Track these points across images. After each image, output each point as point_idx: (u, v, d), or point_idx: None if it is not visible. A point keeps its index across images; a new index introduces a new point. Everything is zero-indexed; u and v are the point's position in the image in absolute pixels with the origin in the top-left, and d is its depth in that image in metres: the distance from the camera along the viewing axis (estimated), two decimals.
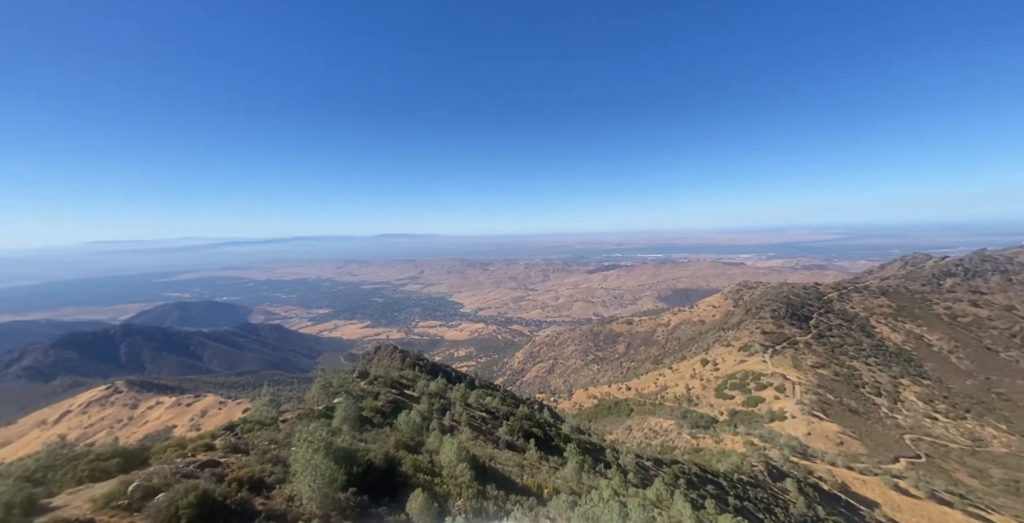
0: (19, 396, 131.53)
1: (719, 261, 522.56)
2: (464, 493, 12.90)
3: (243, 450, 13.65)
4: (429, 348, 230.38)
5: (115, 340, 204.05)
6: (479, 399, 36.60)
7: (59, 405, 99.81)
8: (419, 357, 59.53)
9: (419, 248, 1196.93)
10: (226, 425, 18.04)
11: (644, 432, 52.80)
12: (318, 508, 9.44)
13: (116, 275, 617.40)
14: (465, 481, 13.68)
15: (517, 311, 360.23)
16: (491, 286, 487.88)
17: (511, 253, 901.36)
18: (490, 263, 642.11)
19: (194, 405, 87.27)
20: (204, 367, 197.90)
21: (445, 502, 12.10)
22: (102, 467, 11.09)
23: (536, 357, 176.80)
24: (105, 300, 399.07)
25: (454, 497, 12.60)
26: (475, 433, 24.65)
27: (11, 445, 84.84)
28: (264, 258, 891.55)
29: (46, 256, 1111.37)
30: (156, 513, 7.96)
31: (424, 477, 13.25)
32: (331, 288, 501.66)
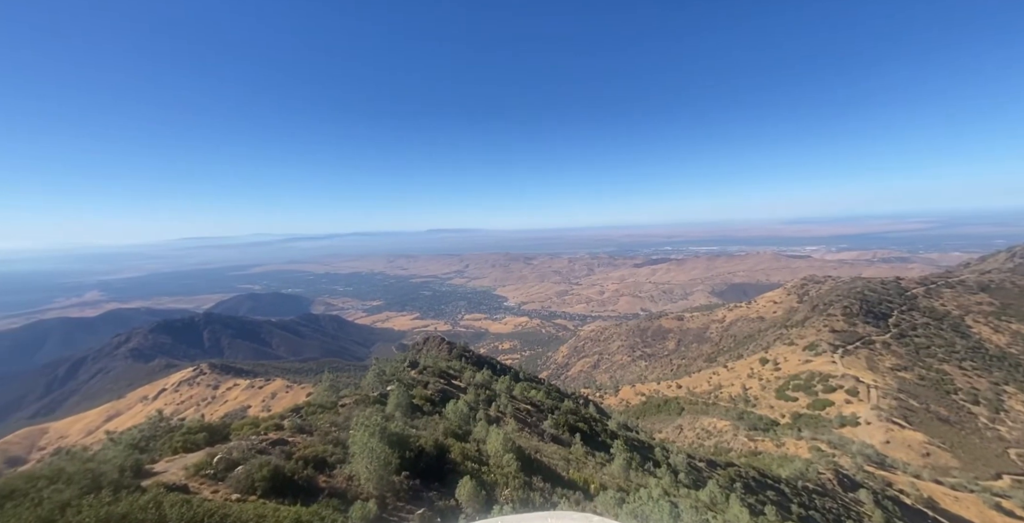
0: (126, 374, 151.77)
1: (781, 254, 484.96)
2: (511, 483, 13.09)
3: (307, 431, 14.77)
4: (474, 340, 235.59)
5: (199, 327, 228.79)
6: (524, 392, 36.96)
7: (157, 383, 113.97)
8: (465, 349, 61.10)
9: (464, 242, 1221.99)
10: (292, 407, 19.62)
11: (696, 432, 50.68)
12: (374, 489, 9.99)
13: (200, 268, 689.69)
14: (511, 471, 13.87)
15: (561, 305, 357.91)
16: (535, 280, 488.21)
17: (554, 247, 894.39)
18: (533, 257, 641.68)
19: (265, 388, 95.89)
20: (272, 353, 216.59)
21: (492, 491, 12.35)
22: (192, 440, 12.49)
23: (581, 352, 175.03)
24: (191, 290, 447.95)
25: (501, 486, 12.83)
26: (520, 425, 24.94)
27: (121, 416, 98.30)
28: (323, 253, 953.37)
29: (147, 251, 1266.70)
30: (236, 483, 8.83)
31: (472, 465, 13.59)
32: (383, 281, 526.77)
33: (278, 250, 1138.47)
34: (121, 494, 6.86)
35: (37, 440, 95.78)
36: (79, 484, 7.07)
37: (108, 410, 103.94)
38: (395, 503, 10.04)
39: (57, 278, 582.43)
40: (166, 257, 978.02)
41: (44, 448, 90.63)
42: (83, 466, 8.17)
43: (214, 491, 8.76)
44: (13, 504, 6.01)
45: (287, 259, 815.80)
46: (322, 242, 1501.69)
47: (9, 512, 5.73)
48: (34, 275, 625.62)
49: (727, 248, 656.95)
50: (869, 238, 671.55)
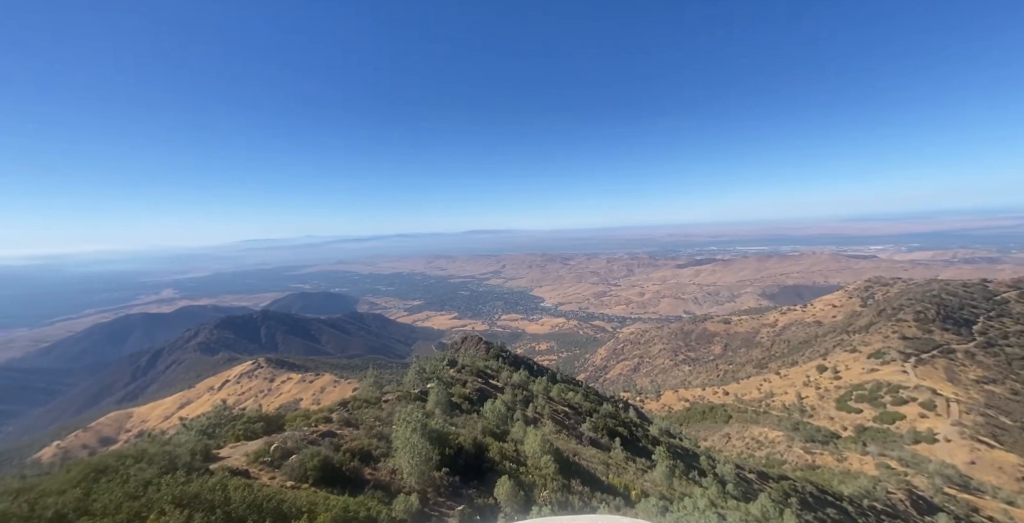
0: (195, 366, 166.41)
1: (841, 254, 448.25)
2: (549, 485, 13.03)
3: (354, 424, 15.48)
4: (511, 340, 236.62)
5: (257, 323, 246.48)
6: (561, 393, 36.65)
7: (221, 375, 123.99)
8: (502, 349, 61.49)
9: (501, 243, 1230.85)
10: (340, 401, 20.63)
11: (745, 442, 47.94)
12: (416, 483, 10.30)
13: (258, 268, 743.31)
14: (549, 473, 13.80)
15: (599, 306, 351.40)
16: (571, 280, 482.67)
17: (592, 247, 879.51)
18: (570, 257, 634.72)
19: (315, 382, 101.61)
20: (322, 349, 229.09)
21: (530, 491, 12.36)
22: (251, 428, 13.47)
23: (620, 354, 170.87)
24: (251, 289, 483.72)
25: (539, 487, 12.80)
26: (558, 427, 24.75)
27: (192, 404, 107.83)
28: (368, 254, 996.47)
29: (213, 252, 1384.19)
30: (291, 471, 9.44)
31: (510, 465, 13.66)
32: (423, 281, 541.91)
33: (327, 251, 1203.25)
34: (193, 476, 7.55)
35: (124, 423, 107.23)
36: (159, 464, 7.85)
37: (181, 398, 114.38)
38: (436, 498, 10.30)
39: (139, 277, 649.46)
40: (229, 258, 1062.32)
41: (130, 430, 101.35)
42: (162, 449, 9.06)
43: (271, 477, 9.42)
44: (107, 479, 6.78)
45: (335, 260, 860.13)
46: (367, 243, 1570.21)
47: (103, 486, 6.48)
48: (121, 274, 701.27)
49: (779, 248, 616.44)
50: (947, 236, 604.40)
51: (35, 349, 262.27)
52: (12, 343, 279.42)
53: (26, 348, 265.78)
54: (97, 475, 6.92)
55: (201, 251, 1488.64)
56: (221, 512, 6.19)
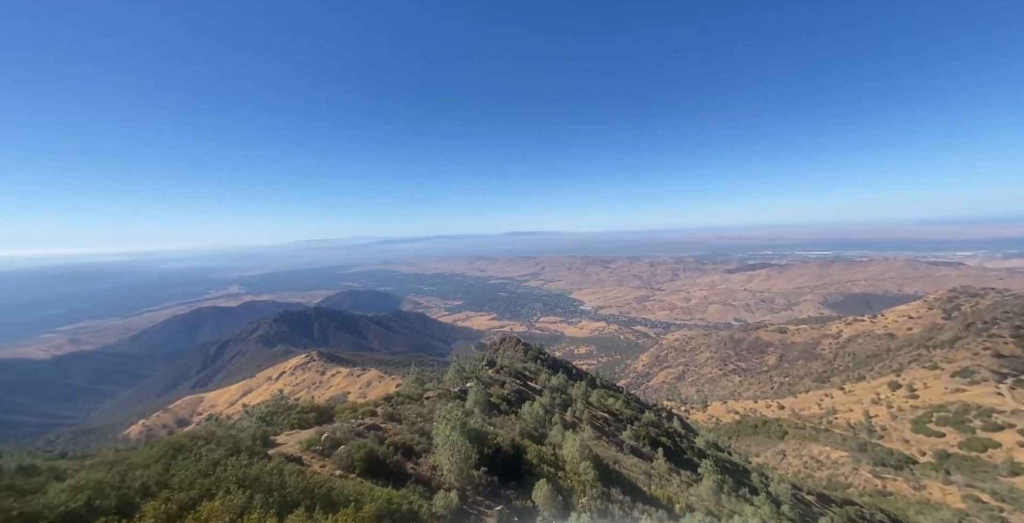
0: (256, 357, 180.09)
1: (919, 260, 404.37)
2: (588, 491, 12.77)
3: (397, 419, 16.03)
4: (549, 343, 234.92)
5: (310, 319, 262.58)
6: (601, 399, 35.84)
7: (278, 366, 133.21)
8: (540, 351, 61.17)
9: (540, 245, 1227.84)
10: (385, 396, 21.45)
11: (803, 460, 44.39)
12: (456, 480, 10.48)
13: (312, 267, 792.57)
14: (589, 479, 13.53)
15: (641, 311, 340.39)
16: (612, 284, 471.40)
17: (635, 250, 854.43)
18: (612, 260, 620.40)
19: (362, 377, 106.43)
20: (368, 345, 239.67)
21: (569, 497, 12.17)
22: (304, 418, 14.34)
23: (663, 362, 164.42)
24: (305, 286, 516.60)
25: (578, 493, 12.58)
26: (597, 433, 24.23)
27: (253, 392, 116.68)
28: (411, 254, 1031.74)
29: (273, 251, 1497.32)
30: (339, 461, 9.94)
31: (548, 468, 13.55)
32: (463, 282, 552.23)
33: (374, 251, 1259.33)
34: (254, 459, 8.16)
35: (196, 406, 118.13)
36: (225, 446, 8.56)
37: (244, 386, 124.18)
38: (474, 496, 10.42)
39: (210, 274, 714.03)
40: (287, 257, 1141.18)
41: (201, 413, 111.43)
42: (227, 432, 9.88)
43: (322, 465, 9.97)
44: (183, 457, 7.50)
45: (381, 260, 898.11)
46: (411, 244, 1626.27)
47: (180, 463, 7.17)
48: (195, 271, 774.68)
49: (844, 253, 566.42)
50: None
51: (126, 336, 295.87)
52: (107, 330, 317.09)
53: (119, 335, 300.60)
54: (175, 453, 7.67)
55: (262, 250, 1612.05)
56: (278, 495, 6.64)
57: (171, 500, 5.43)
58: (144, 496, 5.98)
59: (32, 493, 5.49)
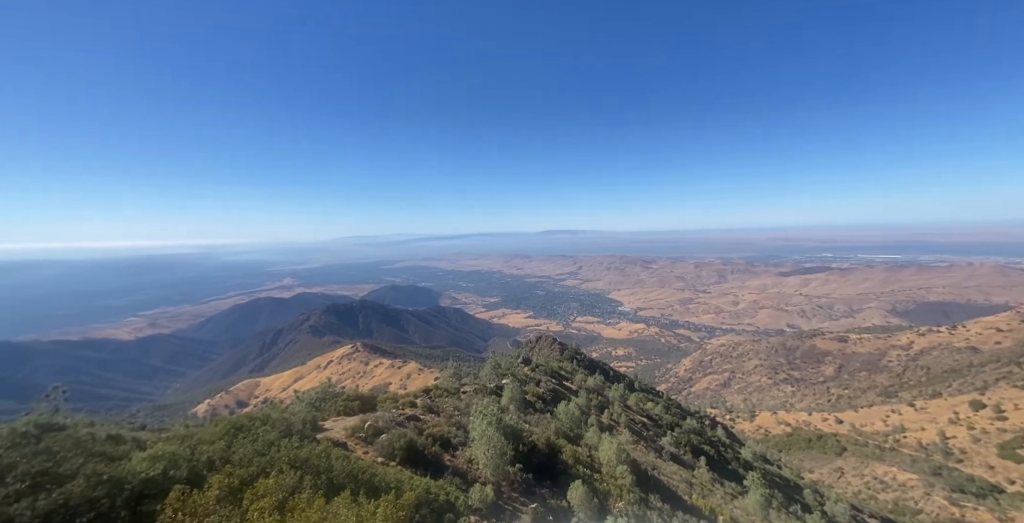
0: (306, 346, 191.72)
1: (1011, 265, 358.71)
2: (625, 496, 12.48)
3: (435, 411, 16.45)
4: (586, 343, 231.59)
5: (356, 311, 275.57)
6: (639, 403, 34.89)
7: (326, 355, 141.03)
8: (577, 351, 60.48)
9: (579, 244, 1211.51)
10: (423, 389, 22.08)
11: (864, 480, 40.88)
12: (492, 475, 10.59)
13: (358, 262, 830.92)
14: (626, 484, 13.21)
15: (684, 314, 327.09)
16: (653, 285, 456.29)
17: (678, 250, 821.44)
18: (653, 260, 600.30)
19: (402, 369, 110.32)
20: (408, 338, 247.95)
21: (605, 500, 11.95)
22: (349, 406, 15.06)
23: (707, 367, 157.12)
24: (352, 280, 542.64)
25: (614, 497, 12.32)
26: (635, 437, 23.60)
27: (303, 379, 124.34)
28: (450, 251, 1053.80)
29: (323, 246, 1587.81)
30: (381, 448, 10.34)
31: (583, 470, 13.36)
32: (500, 279, 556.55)
33: (415, 248, 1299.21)
34: (304, 442, 8.67)
35: (254, 390, 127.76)
36: (278, 429, 9.17)
37: (295, 373, 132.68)
38: (510, 492, 10.48)
39: (267, 267, 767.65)
40: (336, 252, 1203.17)
41: (258, 396, 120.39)
42: (281, 415, 10.57)
43: (365, 452, 10.42)
44: (242, 436, 8.11)
45: (422, 256, 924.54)
46: (450, 242, 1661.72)
47: (240, 441, 7.76)
48: (253, 264, 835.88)
49: (918, 257, 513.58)
50: None
51: (195, 322, 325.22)
52: (180, 316, 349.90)
53: (189, 321, 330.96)
54: (236, 432, 8.31)
55: (313, 245, 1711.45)
56: (325, 477, 7.02)
57: (233, 475, 5.88)
58: (210, 469, 6.52)
59: (119, 459, 6.15)
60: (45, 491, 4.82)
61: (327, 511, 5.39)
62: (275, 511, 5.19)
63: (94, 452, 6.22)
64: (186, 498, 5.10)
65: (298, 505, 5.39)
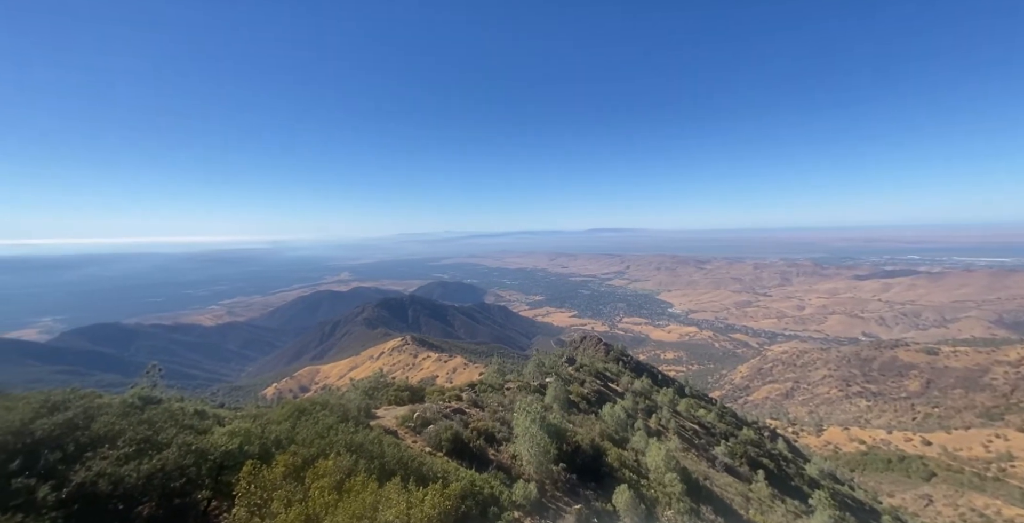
0: (360, 337, 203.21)
1: None
2: (674, 504, 11.98)
3: (480, 406, 16.75)
4: (633, 345, 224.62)
5: (406, 306, 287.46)
6: (690, 409, 33.30)
7: (378, 347, 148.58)
8: (623, 352, 58.86)
9: (625, 243, 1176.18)
10: (469, 383, 22.57)
11: (959, 511, 36.14)
12: (535, 472, 10.60)
13: (408, 258, 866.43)
14: (675, 492, 12.68)
15: (741, 318, 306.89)
16: (707, 286, 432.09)
17: (735, 250, 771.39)
18: (707, 261, 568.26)
19: (448, 363, 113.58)
20: (454, 333, 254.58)
21: (652, 507, 11.55)
22: (400, 396, 15.74)
23: (767, 375, 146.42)
24: (403, 276, 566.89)
25: (663, 505, 11.87)
26: (685, 445, 22.56)
27: (358, 369, 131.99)
28: (496, 249, 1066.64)
29: (377, 243, 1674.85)
30: (428, 438, 10.72)
31: (630, 475, 13.01)
32: (544, 278, 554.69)
33: (461, 245, 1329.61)
34: (359, 428, 9.19)
35: (314, 376, 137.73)
36: (336, 414, 9.79)
37: (350, 363, 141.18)
38: (553, 491, 10.44)
39: (327, 262, 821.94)
40: (388, 248, 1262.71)
41: (318, 383, 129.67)
42: (338, 402, 11.29)
43: (414, 441, 10.85)
44: (305, 418, 8.77)
45: (468, 253, 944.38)
46: (495, 239, 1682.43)
47: (303, 423, 8.40)
48: (314, 259, 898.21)
49: None
50: None
51: (265, 312, 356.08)
52: (252, 306, 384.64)
53: (260, 311, 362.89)
54: (299, 414, 8.99)
55: (368, 242, 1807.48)
56: (378, 462, 7.40)
57: (296, 454, 6.37)
58: (277, 447, 7.11)
59: (203, 433, 6.89)
60: (147, 456, 5.52)
61: (379, 495, 5.67)
62: (333, 491, 5.56)
63: (184, 425, 7.01)
64: (258, 472, 5.60)
65: (354, 487, 5.73)
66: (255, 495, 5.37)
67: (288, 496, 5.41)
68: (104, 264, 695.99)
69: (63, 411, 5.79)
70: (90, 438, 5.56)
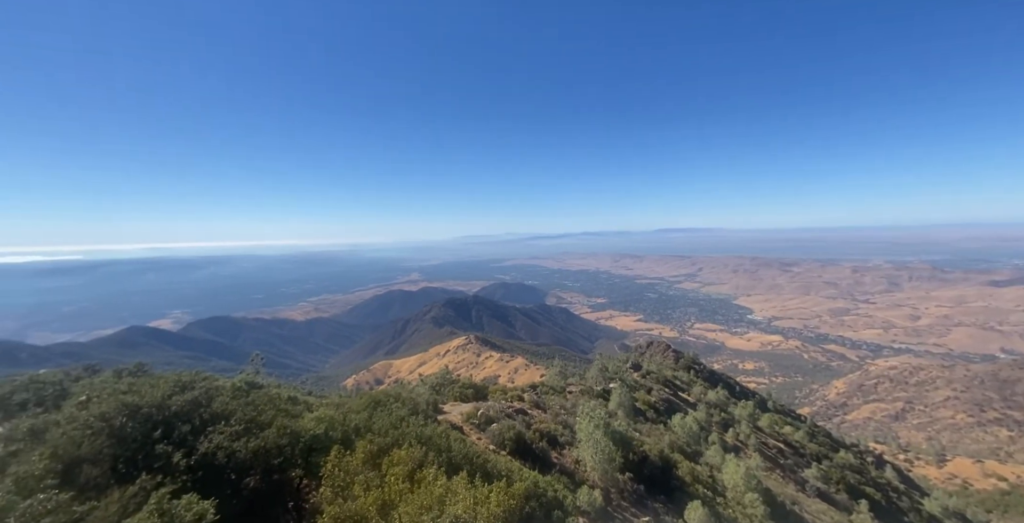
0: (428, 335, 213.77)
1: None
2: None
3: (542, 407, 16.73)
4: (706, 353, 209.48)
5: (469, 306, 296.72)
6: (774, 425, 30.27)
7: (444, 345, 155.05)
8: (694, 360, 55.11)
9: (697, 243, 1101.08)
10: (531, 384, 22.66)
11: None
12: (600, 479, 10.33)
13: (472, 260, 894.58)
14: (757, 515, 11.60)
15: (836, 327, 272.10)
16: (794, 291, 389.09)
17: (827, 251, 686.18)
18: (793, 263, 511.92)
19: (510, 363, 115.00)
20: (515, 334, 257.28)
21: None
22: (464, 393, 16.27)
23: (869, 393, 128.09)
24: (467, 276, 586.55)
25: None
26: (768, 464, 20.53)
27: (425, 365, 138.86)
28: (557, 250, 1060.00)
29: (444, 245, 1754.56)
30: (492, 436, 10.94)
31: (703, 490, 12.16)
32: (607, 280, 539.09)
33: (522, 247, 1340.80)
34: (428, 422, 9.66)
35: (388, 370, 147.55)
36: (407, 407, 10.40)
37: (419, 359, 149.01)
38: (619, 501, 10.09)
39: (399, 263, 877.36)
40: (454, 250, 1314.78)
41: (391, 376, 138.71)
42: (409, 395, 11.98)
43: (478, 438, 11.15)
44: (380, 409, 9.44)
45: (529, 255, 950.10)
46: (556, 241, 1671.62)
47: (378, 414, 9.04)
48: (387, 260, 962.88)
49: None
50: None
51: (346, 309, 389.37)
52: (336, 303, 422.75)
53: (341, 308, 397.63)
54: (375, 405, 9.70)
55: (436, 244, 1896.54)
56: (445, 456, 7.71)
57: (373, 442, 6.87)
58: (356, 435, 7.73)
59: (295, 417, 7.71)
60: (252, 434, 6.33)
61: (447, 488, 5.91)
62: (406, 479, 5.90)
63: (280, 409, 7.91)
64: (341, 457, 6.14)
65: (425, 477, 6.04)
66: (339, 478, 5.90)
67: (367, 481, 5.85)
68: (221, 265, 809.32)
69: (191, 390, 6.85)
70: (210, 415, 6.50)
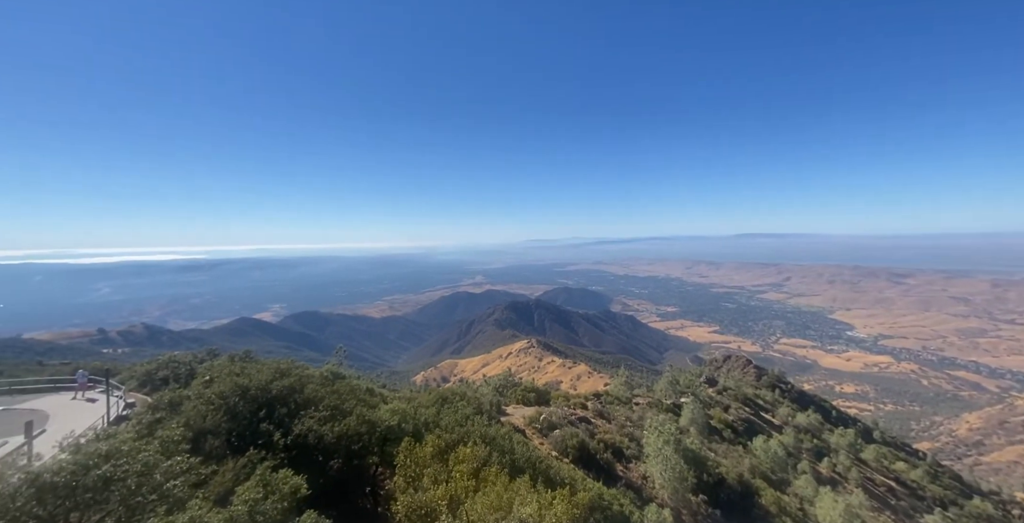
0: (491, 337, 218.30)
1: None
2: None
3: (606, 417, 16.20)
4: (794, 371, 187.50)
5: (531, 310, 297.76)
6: (881, 458, 26.16)
7: (507, 347, 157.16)
8: (780, 379, 49.73)
9: (785, 249, 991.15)
10: (594, 393, 22.08)
11: None
12: (669, 499, 9.72)
13: (535, 264, 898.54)
14: None
15: (967, 351, 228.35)
16: (908, 306, 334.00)
17: (953, 260, 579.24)
18: (908, 273, 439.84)
19: (572, 369, 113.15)
20: (578, 340, 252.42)
21: None
22: (526, 396, 16.32)
23: (1016, 432, 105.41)
24: (529, 280, 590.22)
25: None
26: (875, 503, 17.78)
27: (488, 366, 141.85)
28: (623, 255, 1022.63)
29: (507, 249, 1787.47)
30: (555, 443, 10.83)
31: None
32: (679, 287, 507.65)
33: (588, 251, 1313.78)
34: (491, 422, 9.85)
35: (453, 368, 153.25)
36: (472, 405, 10.70)
37: (482, 360, 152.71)
38: None
39: (464, 265, 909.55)
40: (518, 253, 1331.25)
41: (456, 375, 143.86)
42: (474, 395, 12.32)
43: (540, 443, 11.10)
44: (447, 406, 9.83)
45: (594, 260, 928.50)
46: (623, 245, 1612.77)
47: (445, 410, 9.43)
48: (454, 263, 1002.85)
49: None
50: None
51: (416, 308, 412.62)
52: (408, 302, 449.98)
53: (413, 307, 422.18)
54: (443, 402, 10.13)
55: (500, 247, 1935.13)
56: (508, 458, 7.80)
57: (441, 437, 7.18)
58: (425, 429, 8.13)
59: (372, 407, 8.33)
60: (337, 421, 6.97)
61: (511, 490, 5.97)
62: (471, 476, 6.08)
63: (360, 399, 8.60)
64: (412, 448, 6.51)
65: (488, 476, 6.17)
66: (410, 469, 6.26)
67: (435, 474, 6.13)
68: (312, 265, 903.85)
69: (288, 377, 7.73)
70: (303, 400, 7.29)
